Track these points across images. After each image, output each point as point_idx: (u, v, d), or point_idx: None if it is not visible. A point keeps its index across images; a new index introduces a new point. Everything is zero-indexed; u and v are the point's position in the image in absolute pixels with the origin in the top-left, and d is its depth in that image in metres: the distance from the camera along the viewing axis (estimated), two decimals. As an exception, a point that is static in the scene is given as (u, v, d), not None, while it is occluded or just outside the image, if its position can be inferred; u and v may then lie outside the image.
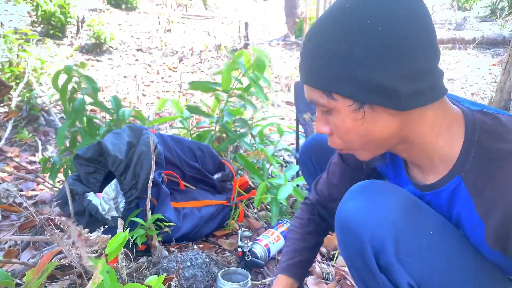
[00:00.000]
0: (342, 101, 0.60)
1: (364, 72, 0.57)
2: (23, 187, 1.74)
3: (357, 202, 0.70)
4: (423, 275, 0.66)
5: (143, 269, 1.11)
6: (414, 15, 0.57)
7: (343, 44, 0.57)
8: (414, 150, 0.66)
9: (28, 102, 2.47)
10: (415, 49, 0.57)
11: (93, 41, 4.55)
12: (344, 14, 0.57)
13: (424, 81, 0.59)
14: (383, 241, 0.66)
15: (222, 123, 1.72)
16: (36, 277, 0.82)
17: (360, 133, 0.63)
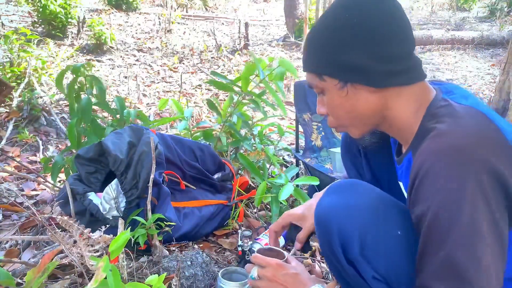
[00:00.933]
0: (330, 81, 0.73)
1: (345, 56, 0.70)
2: (24, 187, 1.75)
3: (331, 198, 0.78)
4: (388, 272, 0.71)
5: (144, 269, 1.12)
6: (388, 11, 0.70)
7: (327, 35, 0.72)
8: (392, 127, 0.77)
9: (29, 102, 2.48)
10: (387, 36, 0.69)
11: (94, 42, 4.56)
12: (333, 11, 0.73)
13: (399, 63, 0.70)
14: (349, 236, 0.72)
15: (231, 124, 1.72)
16: (37, 276, 0.82)
17: (346, 109, 0.75)
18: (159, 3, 7.65)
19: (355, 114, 0.75)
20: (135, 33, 5.67)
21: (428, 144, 0.64)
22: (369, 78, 0.70)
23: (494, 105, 2.13)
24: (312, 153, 1.91)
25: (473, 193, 0.57)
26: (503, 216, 0.59)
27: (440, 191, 0.59)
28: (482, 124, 0.64)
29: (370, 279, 0.72)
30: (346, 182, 0.81)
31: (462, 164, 0.59)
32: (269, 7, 9.05)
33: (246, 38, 5.47)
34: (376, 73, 0.70)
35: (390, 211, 0.74)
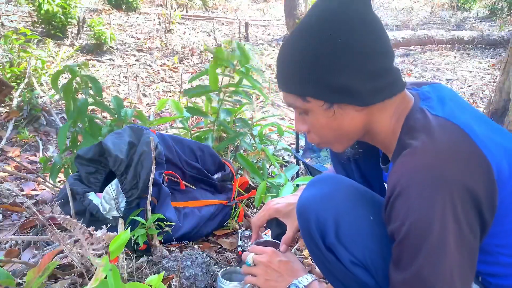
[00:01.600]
0: (315, 102, 0.71)
1: (329, 77, 0.68)
2: (24, 187, 1.75)
3: (309, 191, 0.83)
4: (363, 255, 0.76)
5: (144, 269, 1.12)
6: (368, 27, 0.68)
7: (311, 54, 0.68)
8: (376, 139, 0.77)
9: (29, 102, 2.48)
10: (371, 53, 0.67)
11: (94, 42, 4.56)
12: (310, 29, 0.69)
13: (383, 79, 0.69)
14: (325, 224, 0.78)
15: (221, 122, 1.72)
16: (37, 276, 0.82)
17: (332, 128, 0.73)
18: (159, 3, 7.65)
19: (341, 132, 0.74)
20: (135, 33, 5.67)
21: (401, 162, 0.65)
22: (357, 97, 0.69)
23: (494, 105, 2.12)
24: (312, 153, 1.91)
25: (443, 212, 0.60)
26: (473, 231, 0.62)
27: (412, 211, 0.61)
28: (455, 139, 0.65)
29: (349, 264, 0.77)
30: (323, 176, 0.87)
31: (433, 183, 0.61)
32: (269, 7, 9.04)
33: (246, 38, 5.47)
34: (364, 92, 0.68)
35: (363, 198, 0.80)
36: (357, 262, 0.76)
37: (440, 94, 0.74)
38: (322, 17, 0.68)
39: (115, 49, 4.77)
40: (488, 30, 6.49)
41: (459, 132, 0.65)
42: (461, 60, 5.39)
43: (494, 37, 6.01)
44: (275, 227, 1.06)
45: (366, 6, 0.69)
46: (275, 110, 3.32)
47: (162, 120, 1.96)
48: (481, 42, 5.95)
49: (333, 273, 0.82)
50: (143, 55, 4.80)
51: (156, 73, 4.27)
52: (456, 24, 7.10)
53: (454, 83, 4.51)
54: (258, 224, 1.01)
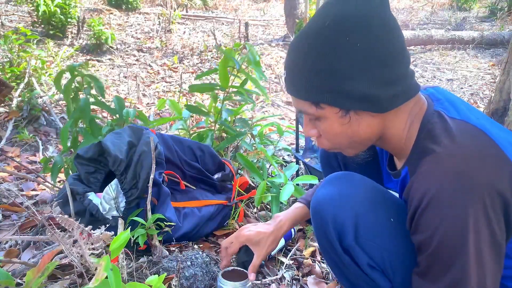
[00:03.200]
0: (329, 109, 0.68)
1: (347, 84, 0.65)
2: (24, 187, 1.74)
3: (326, 190, 0.80)
4: (382, 258, 0.74)
5: (144, 269, 1.12)
6: (387, 30, 0.65)
7: (327, 60, 0.64)
8: (389, 144, 0.75)
9: (29, 102, 2.47)
10: (389, 58, 0.65)
11: (94, 42, 4.55)
12: (325, 33, 0.65)
13: (400, 84, 0.67)
14: (343, 224, 0.75)
15: (222, 121, 1.72)
16: (37, 276, 0.82)
17: (347, 135, 0.71)
18: (159, 3, 7.64)
19: (356, 138, 0.72)
20: (135, 33, 5.67)
21: (428, 169, 0.63)
22: (375, 104, 0.66)
23: (494, 105, 2.12)
24: (312, 153, 1.91)
25: (476, 220, 0.58)
26: (502, 233, 0.61)
27: (444, 221, 0.60)
28: (480, 142, 0.64)
29: (366, 267, 0.75)
30: (339, 174, 0.84)
31: (464, 190, 0.59)
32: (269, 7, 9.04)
33: (246, 38, 5.47)
34: (382, 98, 0.66)
35: (382, 199, 0.78)
36: (375, 265, 0.74)
37: (446, 96, 0.73)
38: (339, 21, 0.64)
39: (115, 49, 4.76)
40: (488, 30, 6.49)
41: (481, 134, 0.64)
42: (461, 60, 5.38)
43: (494, 37, 6.00)
44: (242, 254, 1.08)
45: (385, 7, 0.65)
46: (275, 110, 3.32)
47: (162, 121, 1.96)
48: (481, 42, 5.94)
49: (346, 275, 0.81)
50: (143, 55, 4.80)
51: (156, 73, 4.27)
52: (456, 24, 7.09)
53: (454, 83, 4.51)
54: (230, 252, 1.01)
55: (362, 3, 0.64)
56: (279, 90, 3.93)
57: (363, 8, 0.64)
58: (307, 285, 1.19)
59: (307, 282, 1.19)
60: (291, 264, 1.28)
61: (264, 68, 4.67)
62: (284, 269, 1.25)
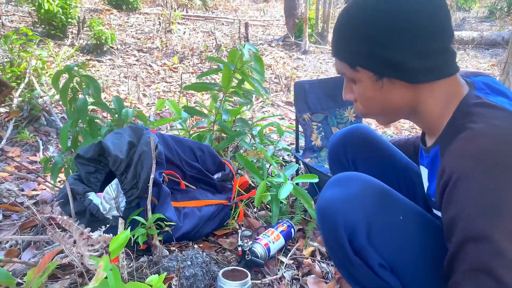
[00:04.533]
0: (364, 73, 0.71)
1: (383, 51, 0.67)
2: (24, 187, 1.75)
3: (333, 191, 0.79)
4: (393, 257, 0.74)
5: (144, 268, 1.12)
6: (433, 2, 0.66)
7: (366, 26, 0.68)
8: (421, 119, 0.75)
9: (29, 102, 2.48)
10: (428, 31, 0.66)
11: (94, 42, 4.56)
12: (368, 2, 0.68)
13: (436, 59, 0.68)
14: (355, 225, 0.74)
15: (220, 122, 1.72)
16: (37, 276, 0.82)
17: (379, 100, 0.73)
18: (159, 3, 7.65)
19: (388, 106, 0.73)
20: (135, 33, 5.67)
21: (461, 145, 0.63)
22: (408, 74, 0.68)
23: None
24: (312, 153, 1.91)
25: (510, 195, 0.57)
26: None
27: (477, 194, 0.58)
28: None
29: (377, 267, 0.74)
30: (345, 175, 0.82)
31: (499, 167, 0.58)
32: (269, 7, 9.04)
33: (246, 38, 5.47)
34: (416, 69, 0.67)
35: (391, 197, 0.79)
36: (386, 265, 0.74)
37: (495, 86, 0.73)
38: None
39: (115, 49, 4.77)
40: (488, 30, 6.49)
41: None
42: (460, 60, 5.38)
43: (493, 37, 6.01)
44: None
45: None
46: (275, 110, 3.32)
47: (162, 121, 1.96)
48: (481, 42, 5.95)
49: (355, 277, 0.80)
50: (143, 55, 4.80)
51: (156, 73, 4.27)
52: (456, 24, 7.10)
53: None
54: None
55: None
56: (279, 90, 3.93)
57: None
58: (307, 284, 1.19)
59: (307, 282, 1.19)
60: (291, 264, 1.29)
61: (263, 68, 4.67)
62: (284, 268, 1.25)
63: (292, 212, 1.57)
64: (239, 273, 1.03)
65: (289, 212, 1.57)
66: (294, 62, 5.06)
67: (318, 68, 4.86)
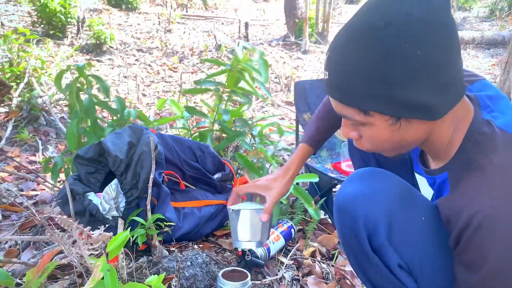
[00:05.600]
0: (379, 116, 0.63)
1: (402, 92, 0.59)
2: (24, 187, 1.74)
3: (355, 187, 0.77)
4: (412, 258, 0.72)
5: (144, 269, 1.12)
6: (448, 33, 0.59)
7: (383, 66, 0.58)
8: (429, 146, 0.72)
9: (29, 102, 2.47)
10: (449, 64, 0.60)
11: (93, 41, 4.55)
12: (381, 36, 0.58)
13: (454, 88, 0.63)
14: (376, 224, 0.72)
15: (220, 122, 1.72)
16: (37, 276, 0.82)
17: (394, 140, 0.67)
18: (159, 2, 7.64)
19: (402, 143, 0.68)
20: (135, 33, 5.67)
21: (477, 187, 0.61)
22: (430, 112, 0.61)
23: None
24: (312, 153, 1.91)
25: None
26: None
27: (499, 242, 0.58)
28: None
29: (395, 267, 0.73)
30: (367, 170, 0.80)
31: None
32: (269, 7, 9.04)
33: (246, 38, 5.47)
34: (438, 106, 0.61)
35: (413, 197, 0.76)
36: (404, 265, 0.73)
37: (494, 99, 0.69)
38: (398, 23, 0.57)
39: (114, 49, 4.76)
40: (488, 30, 6.49)
41: None
42: (461, 60, 5.38)
43: (494, 37, 6.01)
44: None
45: (447, 7, 0.59)
46: (275, 110, 3.32)
47: (163, 121, 1.96)
48: (481, 41, 5.95)
49: (369, 276, 0.79)
50: (143, 55, 4.80)
51: (156, 73, 4.27)
52: (457, 24, 7.10)
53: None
54: (237, 191, 0.97)
55: (425, 4, 0.57)
56: (279, 90, 3.93)
57: (426, 9, 0.57)
58: (307, 285, 1.19)
59: (307, 282, 1.19)
60: (291, 264, 1.28)
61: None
62: (284, 269, 1.24)
63: (292, 212, 1.56)
64: (239, 274, 1.03)
65: (289, 212, 1.57)
66: (294, 62, 5.05)
67: (318, 68, 4.86)
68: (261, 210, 0.92)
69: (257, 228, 0.92)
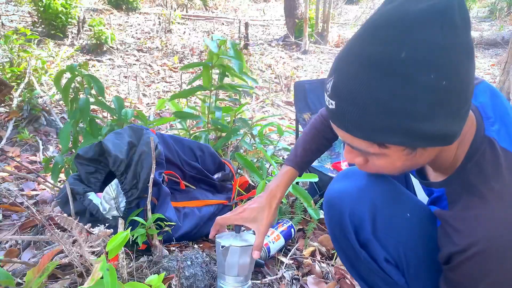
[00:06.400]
0: (395, 148, 0.59)
1: (425, 124, 0.54)
2: (24, 187, 1.75)
3: (342, 183, 0.79)
4: (398, 252, 0.74)
5: (144, 268, 1.12)
6: (469, 59, 0.55)
7: (403, 98, 0.53)
8: (434, 162, 0.69)
9: (29, 102, 2.48)
10: (467, 91, 0.56)
11: (94, 42, 4.56)
12: (401, 66, 0.52)
13: (467, 112, 0.59)
14: (361, 218, 0.74)
15: (214, 120, 1.73)
16: (37, 276, 0.82)
17: (406, 166, 0.64)
18: (159, 3, 7.65)
19: (412, 167, 0.65)
20: (135, 33, 5.67)
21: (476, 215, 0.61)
22: (445, 140, 0.58)
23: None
24: (312, 153, 1.91)
25: None
26: None
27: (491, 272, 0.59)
28: None
29: (382, 261, 0.75)
30: (355, 169, 0.79)
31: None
32: (269, 7, 9.04)
33: (246, 38, 5.47)
34: (456, 132, 0.58)
35: (399, 194, 0.77)
36: (391, 259, 0.75)
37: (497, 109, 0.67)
38: (421, 53, 0.51)
39: (115, 49, 4.77)
40: (488, 30, 6.49)
41: None
42: (461, 60, 5.39)
43: (493, 37, 6.01)
44: None
45: (468, 31, 0.54)
46: (275, 110, 3.32)
47: (163, 121, 1.96)
48: (481, 42, 5.95)
49: (358, 269, 0.81)
50: (143, 55, 4.80)
51: (156, 73, 4.27)
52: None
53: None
54: (220, 222, 0.98)
55: (448, 30, 0.51)
56: (279, 90, 3.93)
57: (449, 37, 0.51)
58: (307, 284, 1.19)
59: (307, 282, 1.19)
60: (291, 264, 1.29)
61: (264, 68, 4.67)
62: (284, 268, 1.25)
63: (292, 212, 1.57)
64: None
65: (289, 212, 1.57)
66: (294, 62, 5.06)
67: (318, 68, 4.86)
68: (251, 246, 0.92)
69: (245, 264, 0.94)
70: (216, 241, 0.97)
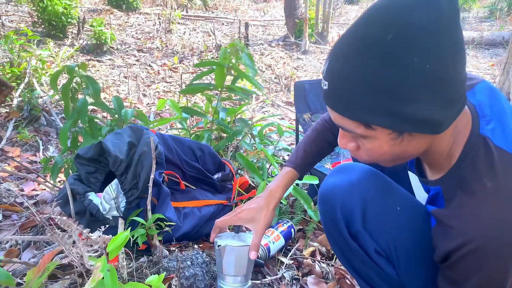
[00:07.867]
0: (381, 130, 0.61)
1: (409, 107, 0.56)
2: (24, 187, 1.75)
3: (335, 177, 0.83)
4: (388, 245, 0.76)
5: (144, 269, 1.12)
6: (457, 47, 0.56)
7: (389, 79, 0.55)
8: (427, 158, 0.72)
9: (29, 102, 2.48)
10: (455, 77, 0.57)
11: (94, 42, 4.56)
12: (387, 48, 0.54)
13: (459, 101, 0.60)
14: (352, 211, 0.77)
15: (218, 121, 1.73)
16: (37, 276, 0.82)
17: (395, 153, 0.65)
18: (159, 3, 7.65)
19: (403, 155, 0.66)
20: (135, 33, 5.67)
21: (470, 213, 0.62)
22: (434, 127, 0.59)
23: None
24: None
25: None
26: None
27: (484, 268, 0.60)
28: None
29: (373, 253, 0.77)
30: (349, 164, 0.85)
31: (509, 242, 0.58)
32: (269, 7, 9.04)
33: (246, 38, 5.47)
34: (444, 120, 0.59)
35: (390, 189, 0.79)
36: (381, 251, 0.76)
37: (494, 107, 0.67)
38: (406, 36, 0.53)
39: (115, 49, 4.77)
40: (488, 30, 6.49)
41: None
42: (461, 60, 5.38)
43: (493, 37, 6.01)
44: None
45: (456, 18, 0.55)
46: (275, 110, 3.32)
47: (163, 121, 1.96)
48: (481, 42, 5.95)
49: (351, 262, 0.83)
50: (143, 55, 4.80)
51: (156, 73, 4.27)
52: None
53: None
54: (219, 225, 0.98)
55: (435, 14, 0.53)
56: (279, 90, 3.93)
57: (436, 21, 0.53)
58: (307, 285, 1.19)
59: (307, 282, 1.19)
60: (291, 264, 1.29)
61: (264, 68, 4.67)
62: (284, 269, 1.25)
63: (292, 212, 1.57)
64: None
65: (289, 212, 1.57)
66: (294, 62, 5.06)
67: (318, 68, 4.86)
68: (248, 246, 0.92)
69: (243, 263, 0.94)
70: (214, 241, 0.97)
